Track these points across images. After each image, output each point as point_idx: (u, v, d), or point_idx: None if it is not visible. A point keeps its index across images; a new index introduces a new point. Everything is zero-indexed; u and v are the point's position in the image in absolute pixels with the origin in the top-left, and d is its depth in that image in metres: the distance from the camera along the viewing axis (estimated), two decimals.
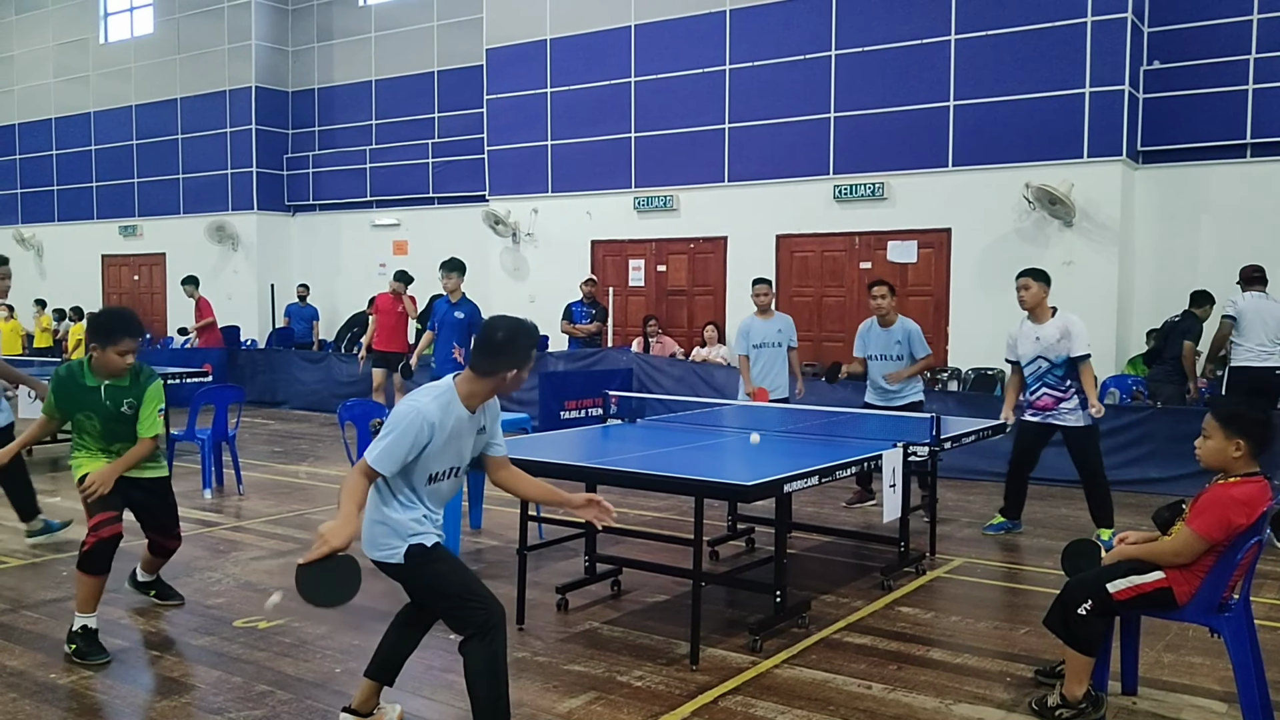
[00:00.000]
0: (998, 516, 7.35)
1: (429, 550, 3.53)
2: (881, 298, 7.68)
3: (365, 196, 17.35)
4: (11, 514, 7.71)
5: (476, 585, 3.53)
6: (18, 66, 21.48)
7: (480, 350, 3.48)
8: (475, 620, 3.45)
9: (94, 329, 4.74)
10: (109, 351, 4.65)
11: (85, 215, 20.50)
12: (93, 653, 4.56)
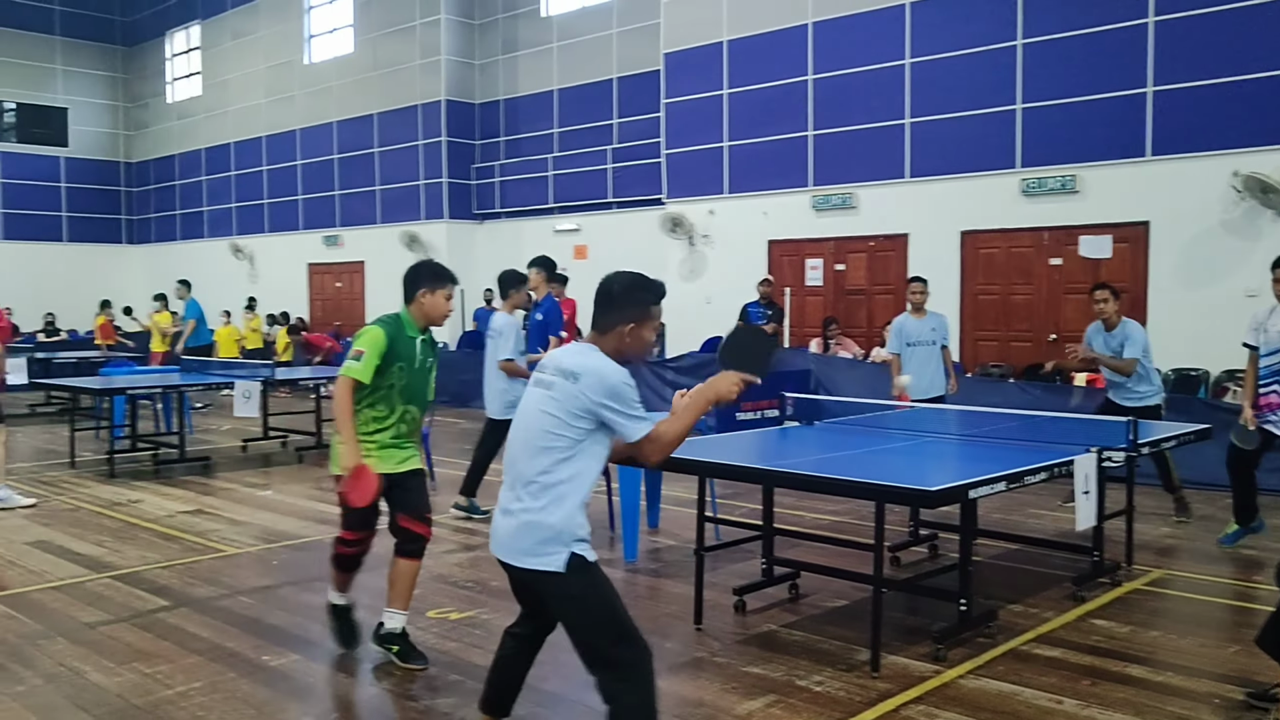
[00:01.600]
0: (1231, 525, 6.86)
1: (591, 565, 3.14)
2: (1104, 301, 7.57)
3: (547, 203, 17.85)
4: (230, 504, 8.36)
5: (629, 619, 3.16)
6: (232, 89, 23.19)
7: (598, 305, 3.27)
8: (626, 661, 3.08)
9: (423, 274, 4.68)
10: (438, 294, 4.65)
11: (292, 226, 21.93)
12: (411, 656, 4.61)
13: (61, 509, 8.24)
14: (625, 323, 3.21)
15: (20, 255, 23.74)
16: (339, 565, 4.78)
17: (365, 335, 4.52)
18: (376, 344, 4.46)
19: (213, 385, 11.58)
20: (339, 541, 4.75)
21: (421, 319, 4.67)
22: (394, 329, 4.56)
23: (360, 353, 4.45)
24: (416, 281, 4.68)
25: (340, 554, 4.73)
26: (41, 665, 4.65)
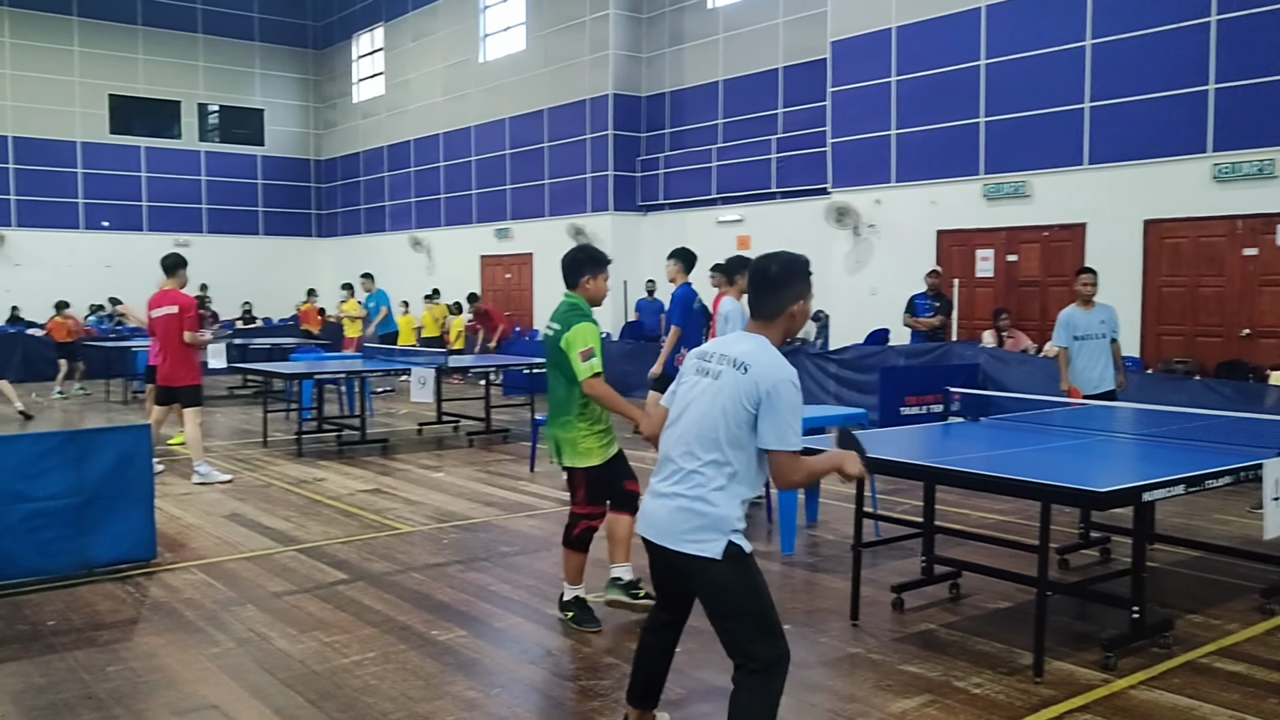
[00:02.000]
0: None
1: (747, 556, 3.16)
2: None
3: (710, 194, 17.89)
4: (406, 485, 8.78)
5: (776, 615, 3.19)
6: (412, 88, 24.21)
7: (761, 291, 3.25)
8: (763, 654, 3.10)
9: (585, 261, 5.11)
10: (600, 278, 5.12)
11: (466, 220, 22.74)
12: (587, 620, 5.03)
13: (254, 485, 8.85)
14: (793, 301, 3.24)
15: (221, 248, 25.48)
16: (583, 543, 5.07)
17: (584, 333, 4.89)
18: (597, 337, 4.94)
19: (392, 371, 12.17)
20: (584, 520, 5.06)
21: (592, 300, 5.13)
22: (593, 318, 5.05)
23: (590, 350, 4.86)
24: (580, 268, 5.11)
25: (586, 529, 5.06)
26: (234, 630, 5.03)
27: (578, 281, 5.10)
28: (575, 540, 5.09)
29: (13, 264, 22.98)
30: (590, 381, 4.84)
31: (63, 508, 5.80)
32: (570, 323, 4.93)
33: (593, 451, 5.01)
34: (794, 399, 3.09)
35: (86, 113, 24.24)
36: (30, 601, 5.45)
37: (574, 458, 5.00)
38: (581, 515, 5.07)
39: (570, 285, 5.13)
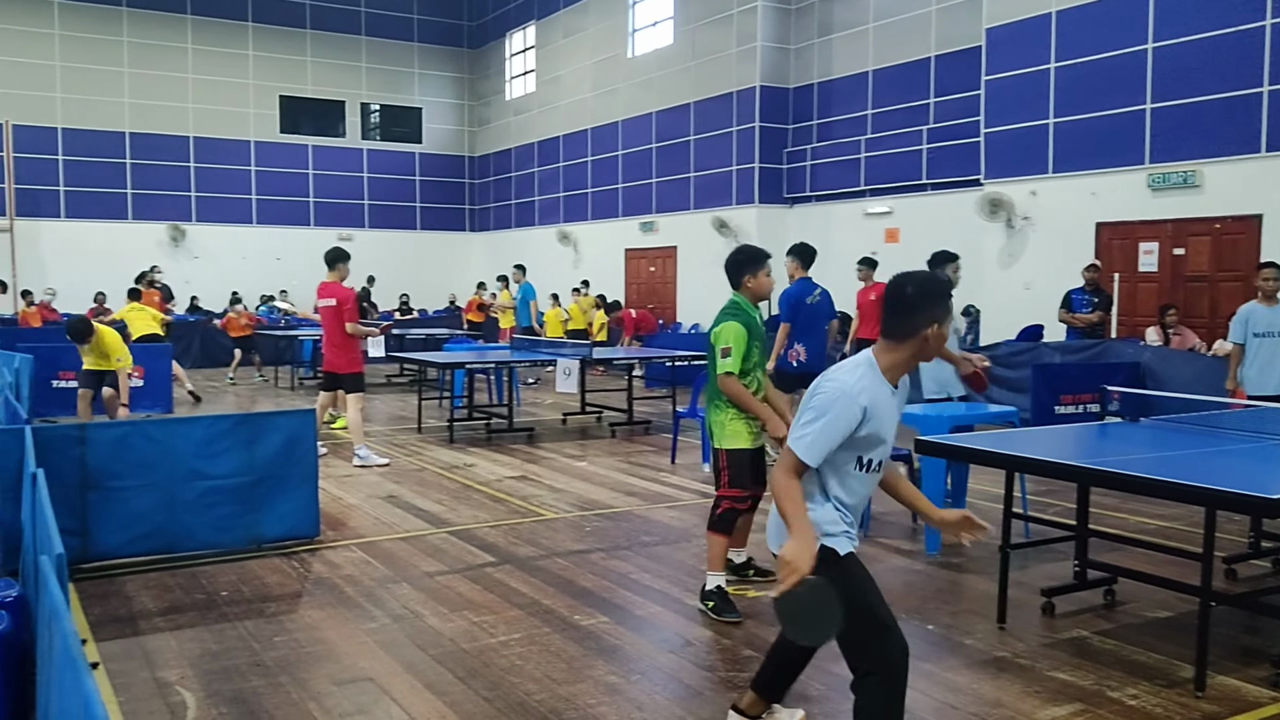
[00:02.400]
0: None
1: (841, 558, 3.16)
2: None
3: (858, 186, 17.61)
4: (550, 472, 8.99)
5: (885, 612, 3.14)
6: (563, 85, 24.66)
7: (894, 311, 3.16)
8: (874, 653, 3.08)
9: (744, 261, 5.37)
10: (760, 275, 5.36)
11: (611, 213, 23.04)
12: (727, 610, 5.13)
13: (409, 469, 9.23)
14: (928, 324, 3.10)
15: (381, 242, 26.56)
16: (725, 525, 5.24)
17: (725, 332, 5.18)
18: (740, 337, 5.17)
19: (539, 362, 12.46)
20: (727, 500, 5.22)
21: (752, 298, 5.38)
22: (745, 317, 5.26)
23: (728, 349, 5.15)
24: (740, 269, 5.37)
25: (729, 510, 5.23)
26: (389, 606, 5.28)
27: (740, 282, 5.37)
28: (717, 521, 5.25)
29: (192, 256, 24.53)
30: (723, 378, 5.18)
31: (235, 486, 6.20)
32: (720, 320, 5.28)
33: (739, 435, 5.23)
34: (823, 400, 3.06)
35: (259, 113, 25.63)
36: (206, 572, 5.84)
37: (721, 439, 5.28)
38: (724, 497, 5.25)
39: (734, 286, 5.40)
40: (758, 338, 5.29)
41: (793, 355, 9.14)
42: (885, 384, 3.13)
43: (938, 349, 3.21)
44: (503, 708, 4.02)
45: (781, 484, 3.08)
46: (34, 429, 5.49)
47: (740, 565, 5.76)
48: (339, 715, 3.96)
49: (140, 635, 4.82)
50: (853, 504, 3.22)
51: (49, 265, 22.73)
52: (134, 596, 5.40)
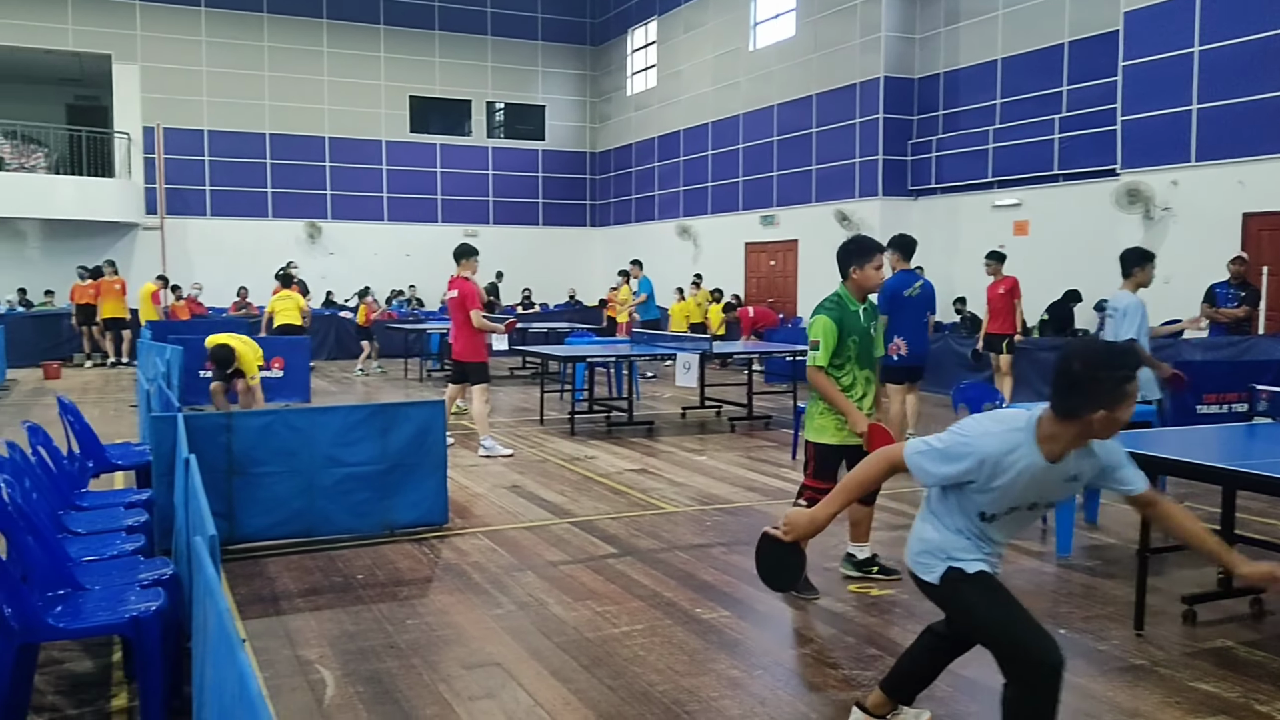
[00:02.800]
0: None
1: (968, 577, 3.12)
2: None
3: (986, 177, 17.13)
4: (670, 466, 9.04)
5: (1024, 624, 3.06)
6: (683, 79, 24.68)
7: (1058, 388, 2.86)
8: (1017, 668, 3.02)
9: (852, 252, 5.33)
10: (868, 267, 5.31)
11: (732, 207, 22.96)
12: (805, 589, 5.29)
13: (532, 460, 9.41)
14: (1093, 410, 2.79)
15: (504, 238, 27.08)
16: None
17: (817, 325, 5.24)
18: (829, 332, 5.18)
19: (658, 356, 12.54)
20: (810, 490, 5.30)
21: (858, 291, 5.35)
22: (839, 312, 5.23)
23: (816, 342, 5.20)
24: (847, 259, 5.33)
25: (811, 499, 5.19)
26: (515, 593, 5.40)
27: (846, 273, 5.36)
28: None
29: (327, 253, 25.46)
30: (809, 370, 5.27)
31: (370, 473, 6.44)
32: (815, 313, 5.33)
33: (825, 429, 5.32)
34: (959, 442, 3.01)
35: (390, 114, 26.41)
36: (343, 556, 6.09)
37: (809, 431, 5.40)
38: (809, 486, 5.36)
39: (842, 277, 5.39)
40: (855, 332, 5.26)
41: (893, 349, 9.09)
42: (1038, 454, 2.91)
43: (1104, 433, 2.88)
44: (626, 697, 4.08)
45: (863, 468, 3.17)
46: (185, 416, 5.80)
47: (864, 561, 5.73)
48: (468, 698, 4.08)
49: (282, 615, 5.05)
50: (993, 538, 3.18)
51: (195, 261, 23.93)
52: (276, 577, 5.67)
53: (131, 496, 5.71)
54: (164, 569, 4.16)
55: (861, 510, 5.58)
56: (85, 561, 4.29)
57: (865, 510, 5.61)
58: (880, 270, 5.35)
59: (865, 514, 5.63)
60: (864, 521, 5.66)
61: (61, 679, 4.29)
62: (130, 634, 3.59)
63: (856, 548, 5.70)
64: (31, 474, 4.65)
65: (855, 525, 5.67)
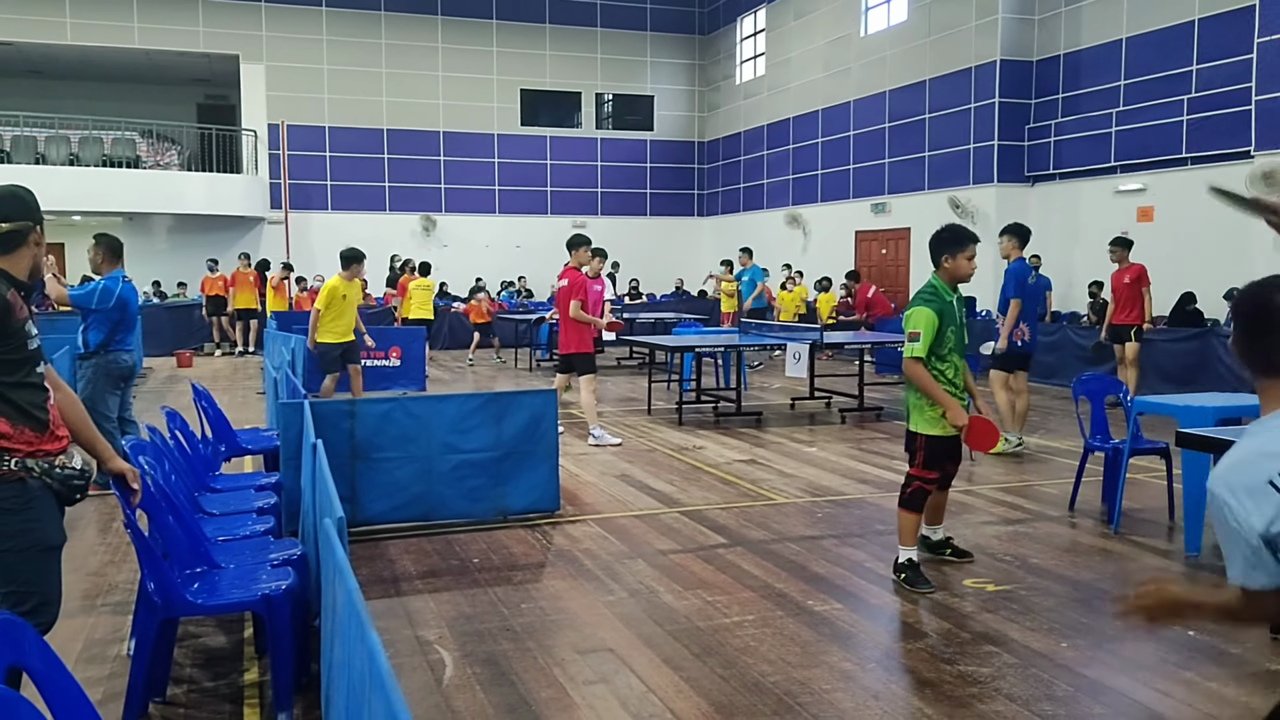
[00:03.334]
0: None
1: None
2: None
3: (1108, 162, 16.51)
4: (779, 457, 9.00)
5: None
6: (793, 67, 24.43)
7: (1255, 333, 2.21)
8: None
9: (944, 241, 5.33)
10: (960, 257, 5.31)
11: (842, 195, 22.66)
12: (920, 582, 5.28)
13: (640, 449, 9.48)
14: None
15: (613, 228, 27.21)
16: (915, 503, 5.34)
17: (915, 316, 5.21)
18: (930, 324, 5.16)
19: (767, 346, 12.47)
20: (918, 480, 5.32)
21: (950, 281, 5.34)
22: (938, 303, 5.21)
23: (916, 334, 5.18)
24: (940, 249, 5.35)
25: (919, 489, 5.35)
26: (626, 581, 5.47)
27: (938, 263, 5.36)
28: (908, 499, 5.36)
29: (441, 245, 26.04)
30: (906, 362, 5.23)
31: (484, 460, 6.59)
32: (913, 304, 5.31)
33: (937, 422, 5.26)
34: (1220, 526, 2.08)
35: (502, 107, 26.84)
36: (459, 540, 6.25)
37: (917, 423, 5.35)
38: (916, 477, 5.35)
39: (934, 266, 5.40)
40: (953, 323, 5.25)
41: (1017, 334, 8.97)
42: None
43: None
44: (738, 686, 4.09)
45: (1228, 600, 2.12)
46: (310, 403, 6.03)
47: (938, 543, 5.78)
48: (582, 682, 4.15)
49: (402, 596, 5.22)
50: None
51: (317, 254, 24.74)
52: (396, 560, 5.86)
53: (261, 480, 5.97)
54: (293, 549, 4.34)
55: (939, 495, 5.62)
56: (220, 541, 4.51)
57: (942, 494, 5.66)
58: (972, 260, 5.34)
59: (942, 498, 5.69)
60: (941, 506, 5.73)
61: (198, 652, 4.52)
62: (262, 611, 3.76)
63: (930, 529, 5.74)
64: (170, 457, 4.89)
65: (933, 509, 5.70)
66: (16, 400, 3.08)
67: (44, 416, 3.15)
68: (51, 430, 3.17)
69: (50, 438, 3.16)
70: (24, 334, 3.11)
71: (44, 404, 3.16)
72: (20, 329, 3.10)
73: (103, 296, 7.23)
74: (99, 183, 22.04)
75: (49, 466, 3.12)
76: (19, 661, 2.23)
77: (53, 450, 3.16)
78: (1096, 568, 5.69)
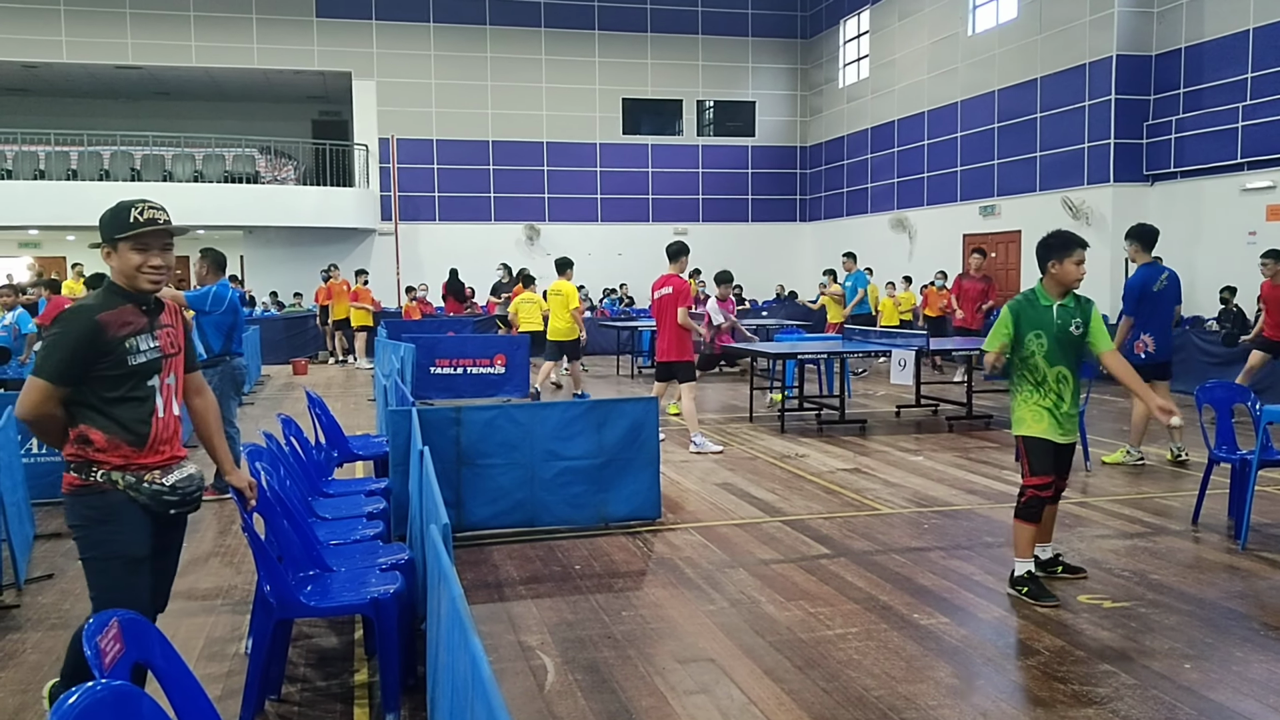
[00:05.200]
0: None
1: None
2: None
3: (1235, 159, 15.77)
4: (884, 466, 8.85)
5: None
6: (897, 68, 24.03)
7: None
8: None
9: (1051, 246, 5.25)
10: (1067, 262, 5.20)
11: (949, 198, 22.17)
12: (1043, 594, 5.17)
13: (741, 457, 9.43)
14: None
15: (714, 235, 27.21)
16: (1029, 513, 5.22)
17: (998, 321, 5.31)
18: (1002, 321, 5.25)
19: (871, 353, 12.28)
20: (1030, 489, 5.21)
21: (1055, 287, 5.24)
22: (1019, 305, 5.27)
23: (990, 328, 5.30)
24: (1047, 254, 5.27)
25: (1032, 498, 5.22)
26: (727, 590, 5.43)
27: (1045, 268, 5.28)
28: (1022, 509, 5.24)
29: (545, 254, 26.36)
30: None
31: (586, 467, 6.64)
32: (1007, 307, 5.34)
33: (1024, 421, 5.23)
34: None
35: (604, 116, 27.06)
36: (561, 546, 6.30)
37: (1016, 425, 5.32)
38: (1028, 486, 5.24)
39: (1041, 272, 5.32)
40: (1041, 327, 5.15)
41: (1139, 346, 8.60)
42: None
43: None
44: (841, 700, 4.03)
45: None
46: (418, 411, 6.16)
47: (1047, 561, 5.58)
48: (683, 692, 4.14)
49: (506, 601, 5.29)
50: None
51: (425, 264, 25.33)
52: (500, 565, 5.94)
53: (371, 485, 6.12)
54: (400, 554, 4.44)
55: (1047, 510, 5.43)
56: (331, 545, 4.64)
57: (1050, 510, 5.48)
58: (1080, 266, 5.19)
59: (1050, 514, 5.51)
60: (1049, 522, 5.56)
61: (310, 653, 4.66)
62: (371, 614, 3.85)
63: (1040, 548, 5.55)
64: (285, 462, 5.06)
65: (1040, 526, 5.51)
66: (116, 415, 3.16)
67: (144, 430, 3.21)
68: (152, 445, 3.23)
69: (150, 452, 3.22)
70: (123, 350, 3.17)
71: (147, 418, 3.23)
72: (118, 345, 3.16)
73: (215, 300, 7.65)
74: (221, 198, 23.00)
75: (136, 480, 3.19)
76: (144, 659, 2.33)
77: (149, 464, 3.22)
78: (1222, 585, 5.43)
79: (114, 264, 3.28)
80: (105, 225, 3.28)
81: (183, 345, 3.48)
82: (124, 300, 3.25)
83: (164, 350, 3.32)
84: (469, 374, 13.89)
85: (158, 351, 3.29)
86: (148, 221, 3.24)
